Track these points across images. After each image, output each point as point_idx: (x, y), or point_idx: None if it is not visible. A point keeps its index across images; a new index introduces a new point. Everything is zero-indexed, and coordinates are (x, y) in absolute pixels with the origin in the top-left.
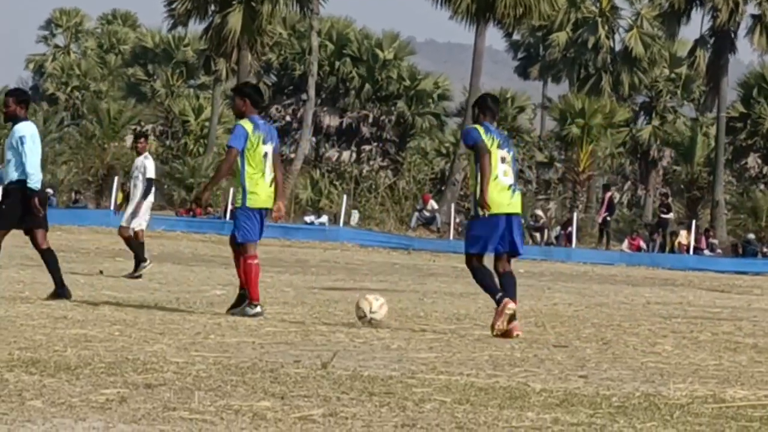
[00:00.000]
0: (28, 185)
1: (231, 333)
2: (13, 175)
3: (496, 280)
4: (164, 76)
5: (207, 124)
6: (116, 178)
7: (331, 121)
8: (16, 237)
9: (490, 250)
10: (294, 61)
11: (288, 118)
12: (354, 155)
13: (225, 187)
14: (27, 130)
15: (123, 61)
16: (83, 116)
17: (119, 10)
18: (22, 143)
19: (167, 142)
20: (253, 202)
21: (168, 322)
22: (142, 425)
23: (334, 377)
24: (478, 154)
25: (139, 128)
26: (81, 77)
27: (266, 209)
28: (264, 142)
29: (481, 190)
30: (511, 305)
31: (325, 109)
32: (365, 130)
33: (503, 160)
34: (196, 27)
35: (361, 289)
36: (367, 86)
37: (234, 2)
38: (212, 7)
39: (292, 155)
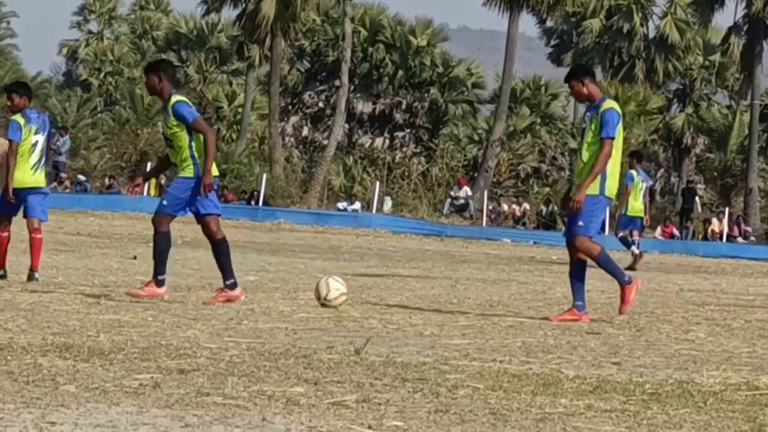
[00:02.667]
0: None
1: (264, 319)
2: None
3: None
4: (197, 62)
5: (240, 110)
6: (149, 164)
7: (364, 107)
8: (48, 222)
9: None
10: (327, 48)
11: (321, 105)
12: (387, 142)
13: (258, 173)
14: None
15: (156, 47)
16: (116, 102)
17: None
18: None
19: None
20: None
21: (201, 308)
22: (175, 410)
23: (367, 363)
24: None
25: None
26: (114, 63)
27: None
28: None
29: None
30: None
31: (358, 95)
32: (398, 117)
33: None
34: (229, 13)
35: (394, 276)
36: (400, 73)
37: None
38: None
39: (325, 141)
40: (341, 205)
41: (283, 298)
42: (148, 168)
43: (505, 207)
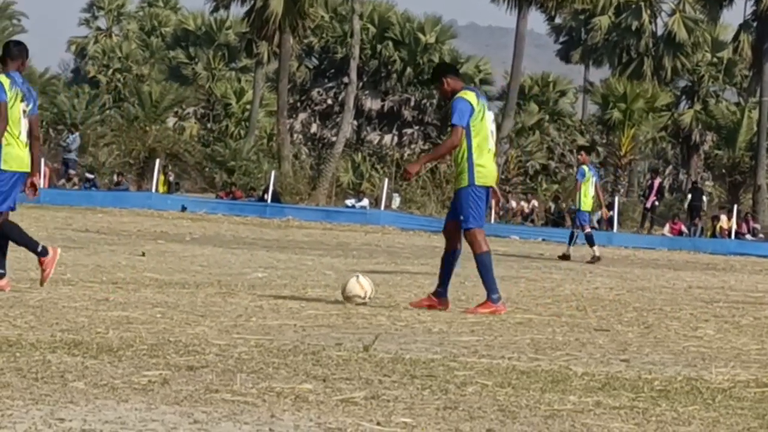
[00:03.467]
0: None
1: (273, 316)
2: None
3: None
4: (206, 58)
5: (248, 107)
6: (158, 161)
7: (372, 104)
8: (57, 219)
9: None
10: (336, 45)
11: (329, 102)
12: (395, 139)
13: (266, 170)
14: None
15: (165, 44)
16: (125, 99)
17: None
18: None
19: (209, 125)
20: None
21: (210, 305)
22: (184, 407)
23: (375, 360)
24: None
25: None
26: (123, 60)
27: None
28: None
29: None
30: None
31: (366, 92)
32: (407, 114)
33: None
34: (237, 10)
35: (403, 273)
36: (409, 69)
37: None
38: None
39: (334, 138)
40: (349, 202)
41: (292, 295)
42: (157, 165)
43: (514, 204)
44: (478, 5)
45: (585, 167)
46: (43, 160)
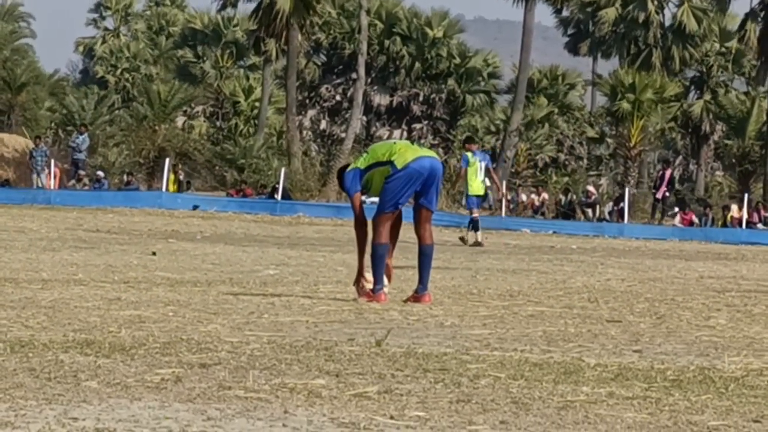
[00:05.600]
0: None
1: (284, 312)
2: None
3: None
4: (214, 57)
5: (257, 104)
6: (167, 160)
7: (381, 99)
8: (67, 219)
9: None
10: (343, 41)
11: (338, 98)
12: (405, 134)
13: (276, 167)
14: None
15: (173, 43)
16: (134, 99)
17: None
18: None
19: (218, 123)
20: None
21: (221, 302)
22: (197, 404)
23: (388, 354)
24: None
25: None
26: (131, 60)
27: None
28: None
29: None
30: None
31: (375, 88)
32: (416, 109)
33: None
34: (245, 7)
35: (414, 267)
36: (417, 65)
37: None
38: None
39: (343, 134)
40: None
41: (304, 292)
42: (167, 164)
43: (524, 197)
44: None
45: (468, 154)
46: (53, 161)
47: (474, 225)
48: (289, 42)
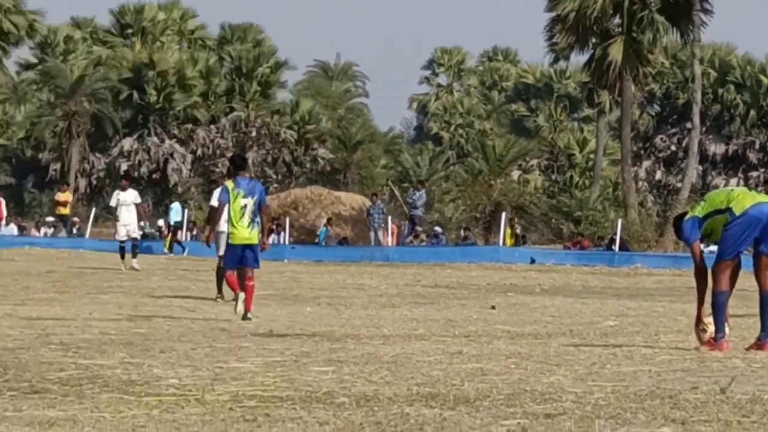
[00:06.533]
0: None
1: (626, 362)
2: None
3: None
4: (547, 110)
5: (592, 156)
6: (504, 214)
7: (716, 148)
8: (406, 276)
9: None
10: (677, 90)
11: (673, 147)
12: (741, 182)
13: (612, 218)
14: None
15: (505, 98)
16: (468, 154)
17: (500, 47)
18: None
19: (553, 176)
20: None
21: (563, 354)
22: None
23: (733, 401)
24: None
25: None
26: (464, 115)
27: None
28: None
29: None
30: None
31: (710, 136)
32: (752, 157)
33: None
34: (577, 59)
35: (755, 315)
36: (752, 112)
37: (615, 33)
38: (593, 39)
39: (679, 184)
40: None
41: (645, 342)
42: (503, 218)
43: None
44: None
45: None
46: (390, 218)
47: None
48: (623, 93)
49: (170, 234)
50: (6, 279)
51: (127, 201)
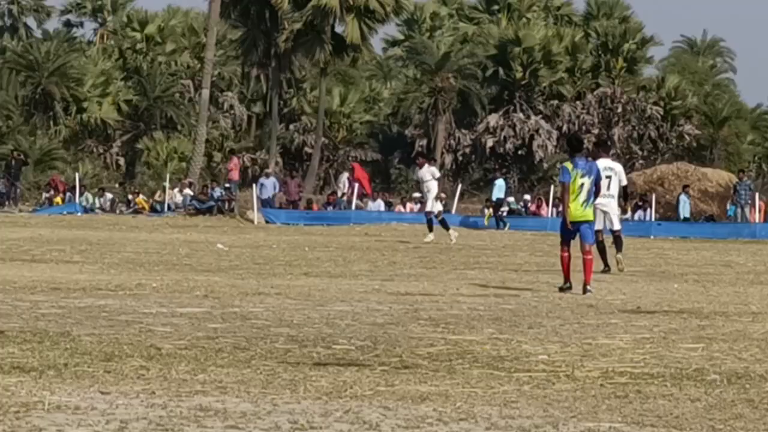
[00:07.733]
0: None
1: None
2: None
3: None
4: None
5: None
6: None
7: None
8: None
9: None
10: None
11: None
12: None
13: None
14: None
15: None
16: None
17: None
18: None
19: None
20: None
21: None
22: None
23: None
24: None
25: None
26: None
27: None
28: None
29: None
30: None
31: None
32: None
33: None
34: None
35: None
36: None
37: None
38: None
39: None
40: None
41: None
42: None
43: None
44: None
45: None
46: (757, 195)
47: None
48: None
49: (492, 209)
50: (374, 254)
51: (425, 177)
